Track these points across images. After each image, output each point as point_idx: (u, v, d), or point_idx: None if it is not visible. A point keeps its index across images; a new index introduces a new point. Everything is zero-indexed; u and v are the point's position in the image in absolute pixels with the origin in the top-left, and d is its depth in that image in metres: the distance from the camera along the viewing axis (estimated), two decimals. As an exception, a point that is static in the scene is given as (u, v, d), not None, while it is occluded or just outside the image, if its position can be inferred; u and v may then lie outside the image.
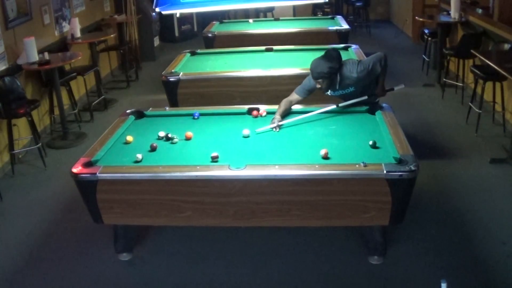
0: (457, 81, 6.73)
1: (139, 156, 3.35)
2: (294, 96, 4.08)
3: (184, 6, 3.79)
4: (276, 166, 3.15)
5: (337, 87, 4.01)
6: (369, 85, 4.12)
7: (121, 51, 8.17)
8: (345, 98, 4.13)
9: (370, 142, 3.41)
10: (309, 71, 4.02)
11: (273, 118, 3.92)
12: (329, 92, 4.08)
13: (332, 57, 3.91)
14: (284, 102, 4.05)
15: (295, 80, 4.46)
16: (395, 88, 4.25)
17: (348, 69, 3.97)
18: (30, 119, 5.23)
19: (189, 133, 3.72)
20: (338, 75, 3.94)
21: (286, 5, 10.75)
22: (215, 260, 3.61)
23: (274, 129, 3.81)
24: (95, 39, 7.18)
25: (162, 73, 5.13)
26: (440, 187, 4.46)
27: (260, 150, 3.50)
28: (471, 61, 6.31)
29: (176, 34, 11.03)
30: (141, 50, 9.12)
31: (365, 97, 4.07)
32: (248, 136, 3.70)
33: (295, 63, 5.23)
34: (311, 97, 4.14)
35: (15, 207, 4.52)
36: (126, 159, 3.40)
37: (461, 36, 6.53)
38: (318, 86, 3.95)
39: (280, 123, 3.85)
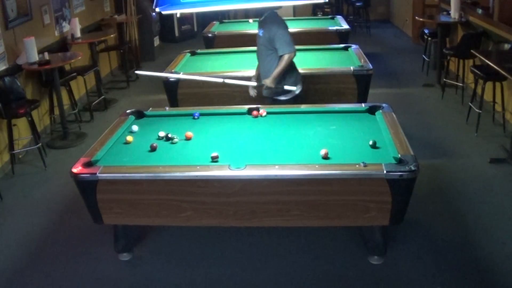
0: (457, 81, 6.73)
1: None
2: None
3: (184, 6, 3.80)
4: (276, 166, 3.15)
5: (260, 23, 4.42)
6: (270, 61, 4.31)
7: (121, 51, 8.17)
8: (259, 44, 4.45)
9: (370, 142, 3.41)
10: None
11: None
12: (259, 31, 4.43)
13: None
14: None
15: (295, 80, 4.45)
16: (285, 87, 4.31)
17: (270, 15, 4.32)
18: (30, 119, 5.23)
19: (189, 133, 3.72)
20: (264, 15, 4.37)
21: (286, 5, 10.74)
22: (215, 260, 3.62)
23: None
24: (95, 39, 7.18)
25: (162, 73, 5.13)
26: (440, 187, 4.46)
27: (260, 150, 3.50)
28: (471, 61, 6.31)
29: (176, 34, 11.03)
30: (141, 50, 9.13)
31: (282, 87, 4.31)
32: (135, 132, 3.82)
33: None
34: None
35: (15, 207, 4.53)
36: (126, 159, 3.41)
37: (461, 36, 6.53)
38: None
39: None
